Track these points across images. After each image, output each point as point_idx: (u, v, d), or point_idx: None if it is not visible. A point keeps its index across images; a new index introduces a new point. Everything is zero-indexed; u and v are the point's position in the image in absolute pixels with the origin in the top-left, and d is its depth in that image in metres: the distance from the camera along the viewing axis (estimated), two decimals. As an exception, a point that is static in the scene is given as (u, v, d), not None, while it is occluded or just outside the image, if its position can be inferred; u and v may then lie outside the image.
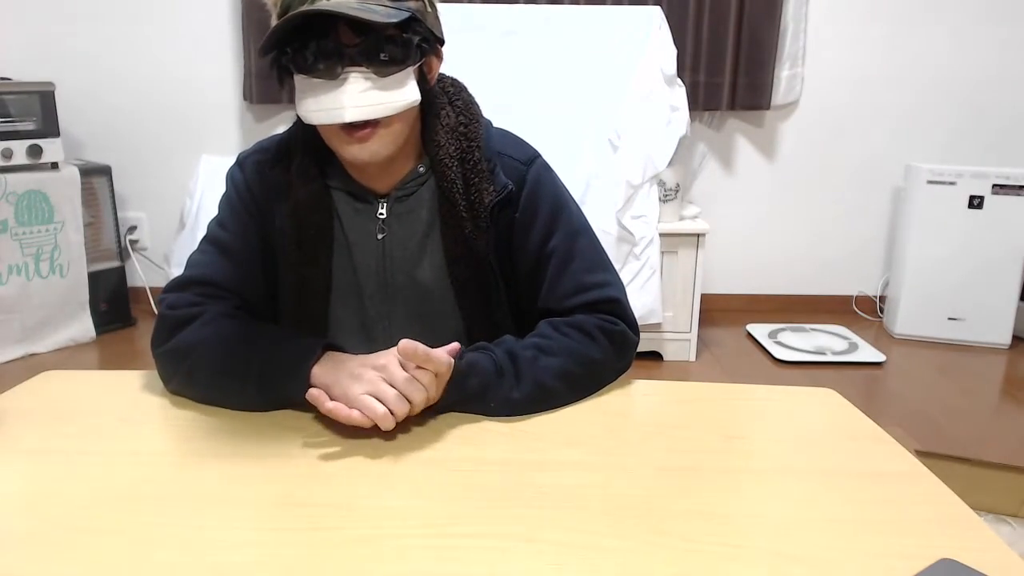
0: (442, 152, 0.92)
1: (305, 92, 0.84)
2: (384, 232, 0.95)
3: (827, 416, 0.89)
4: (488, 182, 0.92)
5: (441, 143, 0.92)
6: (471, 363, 0.85)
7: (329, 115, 0.82)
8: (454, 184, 0.92)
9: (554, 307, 0.96)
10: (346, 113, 0.82)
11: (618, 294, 0.96)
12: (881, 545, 0.63)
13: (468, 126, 0.94)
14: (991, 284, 2.84)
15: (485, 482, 0.72)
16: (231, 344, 0.87)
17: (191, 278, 0.94)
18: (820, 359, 2.70)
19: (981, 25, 2.99)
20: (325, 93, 0.82)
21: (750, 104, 2.99)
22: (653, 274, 2.55)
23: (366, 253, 0.96)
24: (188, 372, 0.88)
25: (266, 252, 0.97)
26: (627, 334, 0.95)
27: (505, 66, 2.63)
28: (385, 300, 0.98)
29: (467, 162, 0.92)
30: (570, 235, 0.96)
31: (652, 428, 0.85)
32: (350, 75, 0.81)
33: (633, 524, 0.65)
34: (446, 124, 0.93)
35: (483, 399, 0.85)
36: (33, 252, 2.62)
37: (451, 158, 0.92)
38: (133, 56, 3.00)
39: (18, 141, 2.54)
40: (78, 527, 0.64)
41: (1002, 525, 1.58)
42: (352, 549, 0.61)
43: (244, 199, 0.96)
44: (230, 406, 0.86)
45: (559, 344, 0.90)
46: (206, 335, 0.88)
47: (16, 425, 0.84)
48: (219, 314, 0.90)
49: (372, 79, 0.82)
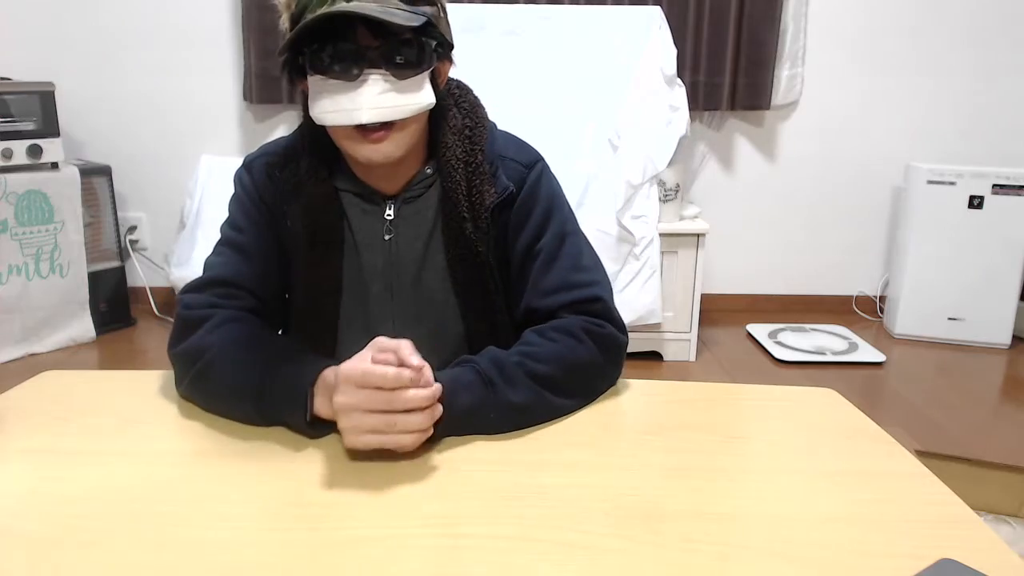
0: (448, 154, 0.92)
1: (321, 93, 0.84)
2: (391, 233, 0.96)
3: (827, 416, 0.89)
4: (490, 184, 0.92)
5: (448, 144, 0.93)
6: (454, 379, 0.80)
7: (347, 116, 0.83)
8: (458, 186, 0.92)
9: (537, 305, 0.94)
10: (363, 114, 0.82)
11: (603, 293, 0.93)
12: (881, 545, 0.63)
13: (474, 129, 0.94)
14: (991, 284, 2.84)
15: (485, 482, 0.72)
16: (234, 354, 0.85)
17: (208, 279, 0.94)
18: (820, 359, 2.70)
19: (981, 25, 2.99)
20: (342, 94, 0.82)
21: (750, 104, 2.99)
22: (653, 274, 2.55)
23: (373, 254, 0.96)
24: (194, 377, 0.87)
25: (279, 252, 0.97)
26: (615, 336, 0.92)
27: (505, 66, 2.63)
28: (389, 301, 0.98)
29: (471, 164, 0.92)
30: (559, 236, 0.95)
31: (652, 428, 0.85)
32: (368, 77, 0.82)
33: (633, 524, 0.65)
34: (453, 126, 0.94)
35: (480, 412, 0.81)
36: (33, 252, 2.62)
37: (457, 160, 0.92)
38: (133, 56, 3.00)
39: (18, 141, 2.55)
40: (78, 527, 0.64)
41: (1002, 525, 1.58)
42: (352, 549, 0.61)
43: (255, 201, 0.97)
44: (233, 418, 0.85)
45: (546, 350, 0.87)
46: (212, 342, 0.86)
47: (16, 425, 0.84)
48: (229, 319, 0.89)
49: (390, 81, 0.82)
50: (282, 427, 0.82)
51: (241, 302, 0.93)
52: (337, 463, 0.75)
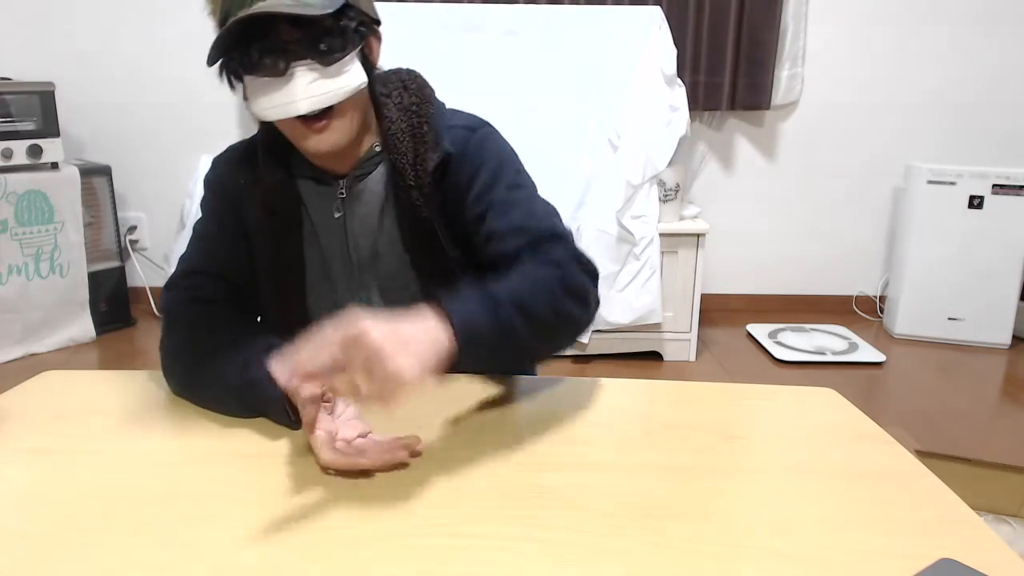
0: (394, 127, 0.96)
1: (256, 92, 0.87)
2: (341, 211, 0.99)
3: (827, 416, 0.89)
4: (433, 151, 0.95)
5: (393, 119, 0.96)
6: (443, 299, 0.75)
7: (284, 110, 0.85)
8: (404, 157, 0.95)
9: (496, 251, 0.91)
10: (299, 105, 0.85)
11: (564, 232, 0.92)
12: (881, 545, 0.63)
13: (420, 105, 0.97)
14: (991, 284, 2.84)
15: (485, 482, 0.72)
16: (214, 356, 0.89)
17: (180, 273, 0.99)
18: (820, 359, 2.70)
19: (981, 25, 2.99)
20: (275, 90, 0.85)
21: (750, 104, 2.99)
22: (653, 274, 2.55)
23: (330, 234, 1.00)
24: (180, 377, 0.92)
25: (246, 239, 1.01)
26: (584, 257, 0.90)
27: (505, 66, 2.63)
28: (352, 277, 1.01)
29: (416, 136, 0.95)
30: (511, 187, 0.95)
31: (652, 428, 0.85)
32: (296, 70, 0.84)
33: (633, 524, 0.65)
34: (399, 103, 0.97)
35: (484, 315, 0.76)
36: (33, 252, 2.62)
37: (403, 133, 0.95)
38: (133, 56, 3.00)
39: (18, 141, 2.55)
40: (78, 527, 0.64)
41: (1002, 525, 1.58)
42: (352, 549, 0.61)
43: (219, 194, 1.02)
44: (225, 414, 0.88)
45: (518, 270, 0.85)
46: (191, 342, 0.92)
47: (16, 425, 0.84)
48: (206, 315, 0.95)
49: (317, 69, 0.85)
50: (280, 425, 0.83)
51: (214, 290, 0.97)
52: (337, 463, 0.75)
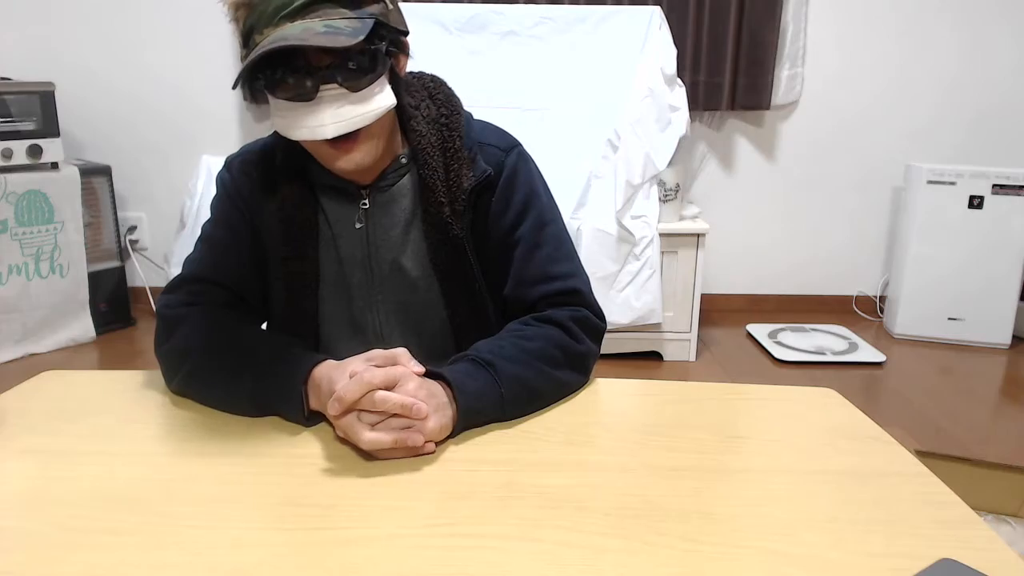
0: (424, 142, 0.95)
1: (283, 111, 0.86)
2: (364, 222, 0.97)
3: (827, 416, 0.89)
4: (468, 168, 0.95)
5: (423, 133, 0.95)
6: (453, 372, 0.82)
7: (311, 132, 0.84)
8: (435, 172, 0.94)
9: (519, 295, 0.97)
10: (327, 130, 0.84)
11: (582, 286, 0.98)
12: (881, 545, 0.63)
13: (450, 117, 0.96)
14: (991, 284, 2.84)
15: (485, 482, 0.72)
16: (222, 354, 0.89)
17: (183, 277, 0.98)
18: (820, 359, 2.70)
19: (981, 25, 2.99)
20: (303, 113, 0.84)
21: (750, 104, 2.99)
22: (653, 274, 2.55)
23: (351, 244, 0.98)
24: (185, 376, 0.91)
25: (257, 247, 0.99)
26: (596, 323, 0.97)
27: (505, 66, 2.63)
28: (371, 290, 1.00)
29: (448, 151, 0.95)
30: (539, 224, 0.98)
31: (652, 428, 0.85)
32: (325, 94, 0.83)
33: (633, 524, 0.65)
34: (427, 116, 0.96)
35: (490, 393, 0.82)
36: (33, 252, 2.62)
37: (432, 147, 0.95)
38: (133, 56, 3.00)
39: (18, 141, 2.55)
40: (78, 527, 0.64)
41: (1002, 525, 1.58)
42: (352, 549, 0.61)
43: (233, 198, 0.99)
44: (230, 412, 0.87)
45: (533, 331, 0.92)
46: (197, 341, 0.90)
47: (16, 425, 0.84)
48: (209, 318, 0.93)
49: (346, 94, 0.83)
50: (281, 425, 0.83)
51: (216, 297, 0.96)
52: (337, 463, 0.75)
